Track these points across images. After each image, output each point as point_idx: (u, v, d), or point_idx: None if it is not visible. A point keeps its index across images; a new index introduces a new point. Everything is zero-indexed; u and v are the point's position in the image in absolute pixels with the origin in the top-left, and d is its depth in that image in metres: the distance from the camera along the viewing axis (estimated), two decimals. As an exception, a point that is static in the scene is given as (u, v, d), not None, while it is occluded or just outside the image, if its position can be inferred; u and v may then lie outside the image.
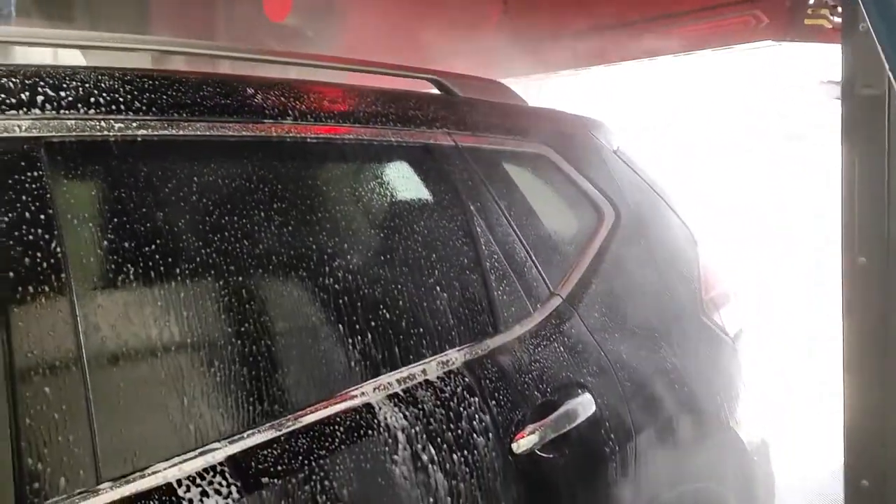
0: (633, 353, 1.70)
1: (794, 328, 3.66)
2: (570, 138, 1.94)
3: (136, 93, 1.14)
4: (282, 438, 1.07)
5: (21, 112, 1.01)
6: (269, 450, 1.05)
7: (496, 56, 2.83)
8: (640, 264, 1.87)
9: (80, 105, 1.07)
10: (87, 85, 1.10)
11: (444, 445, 1.24)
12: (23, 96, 1.02)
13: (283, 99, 1.34)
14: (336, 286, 1.24)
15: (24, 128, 1.00)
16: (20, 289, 0.92)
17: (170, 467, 0.96)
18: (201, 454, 0.99)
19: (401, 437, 1.19)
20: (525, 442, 1.35)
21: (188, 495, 0.95)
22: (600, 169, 1.95)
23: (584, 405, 1.47)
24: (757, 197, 4.30)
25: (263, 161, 1.27)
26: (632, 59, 2.84)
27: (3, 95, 1.01)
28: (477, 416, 1.31)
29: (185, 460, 0.97)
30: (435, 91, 1.80)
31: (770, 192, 4.35)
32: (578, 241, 1.80)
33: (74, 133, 1.05)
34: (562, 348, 1.55)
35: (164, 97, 1.17)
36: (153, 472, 0.94)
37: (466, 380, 1.34)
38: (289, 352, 1.16)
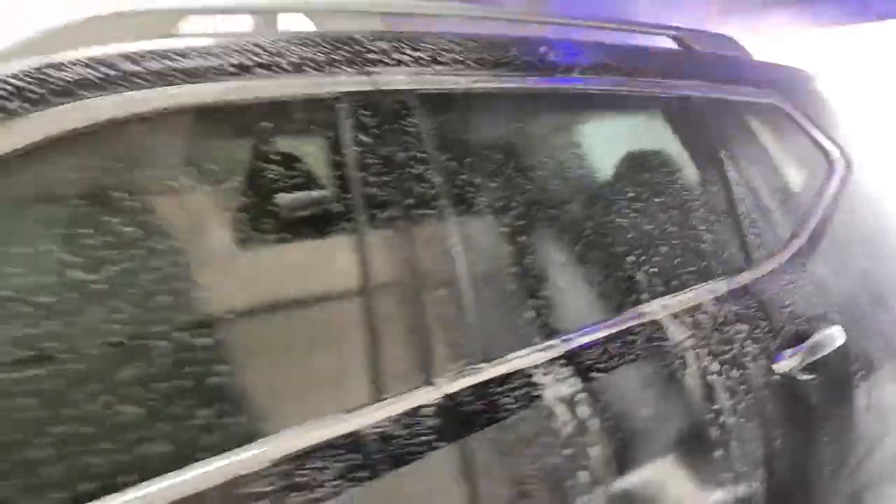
0: (867, 295, 1.79)
1: None
2: (800, 89, 2.01)
3: (467, 53, 1.36)
4: (601, 341, 1.27)
5: (398, 69, 1.25)
6: (593, 349, 1.26)
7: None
8: (870, 212, 1.93)
9: (434, 64, 1.30)
10: (434, 47, 1.32)
11: (721, 362, 1.40)
12: (395, 57, 1.26)
13: (569, 56, 1.52)
14: (625, 221, 1.43)
15: (401, 82, 1.24)
16: (411, 212, 1.17)
17: (527, 355, 1.19)
18: (546, 349, 1.21)
19: (686, 352, 1.37)
20: (785, 364, 1.49)
21: (541, 380, 1.18)
22: (830, 119, 2.01)
23: (833, 336, 1.59)
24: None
25: (561, 110, 1.47)
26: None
27: (382, 56, 1.25)
28: (743, 337, 1.46)
29: (537, 350, 1.20)
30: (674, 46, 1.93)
31: None
32: (812, 188, 1.88)
33: (434, 87, 1.27)
34: (807, 285, 1.66)
35: (488, 56, 1.38)
36: (515, 358, 1.18)
37: (732, 307, 1.49)
38: (600, 272, 1.36)
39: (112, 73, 0.97)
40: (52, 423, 0.84)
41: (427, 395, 1.08)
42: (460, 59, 1.34)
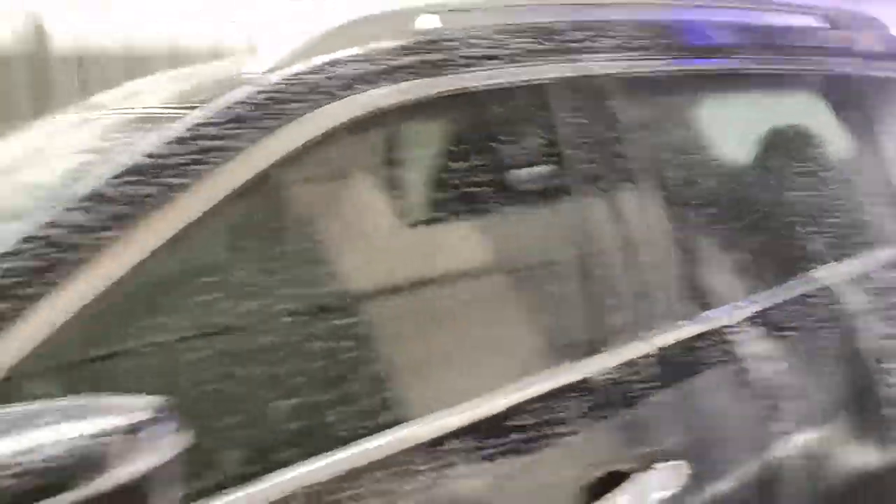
0: None
1: None
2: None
3: (650, 39, 1.47)
4: (782, 303, 1.39)
5: (596, 56, 1.37)
6: (776, 311, 1.37)
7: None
8: None
9: (625, 50, 1.41)
10: (623, 34, 1.44)
11: (891, 325, 1.49)
12: (592, 45, 1.38)
13: (724, 37, 1.62)
14: (796, 194, 1.53)
15: (600, 68, 1.36)
16: (616, 185, 1.29)
17: (718, 316, 1.31)
18: (735, 310, 1.33)
19: (858, 315, 1.46)
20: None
21: (733, 337, 1.30)
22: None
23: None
24: None
25: (730, 90, 1.57)
26: None
27: (582, 44, 1.37)
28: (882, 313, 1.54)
29: (727, 311, 1.32)
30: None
31: None
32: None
33: (626, 70, 1.39)
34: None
35: (667, 41, 1.49)
36: (709, 318, 1.30)
37: (869, 284, 1.57)
38: (776, 240, 1.48)
39: (378, 67, 1.13)
40: (364, 364, 1.02)
41: (639, 349, 1.22)
42: (645, 44, 1.45)
